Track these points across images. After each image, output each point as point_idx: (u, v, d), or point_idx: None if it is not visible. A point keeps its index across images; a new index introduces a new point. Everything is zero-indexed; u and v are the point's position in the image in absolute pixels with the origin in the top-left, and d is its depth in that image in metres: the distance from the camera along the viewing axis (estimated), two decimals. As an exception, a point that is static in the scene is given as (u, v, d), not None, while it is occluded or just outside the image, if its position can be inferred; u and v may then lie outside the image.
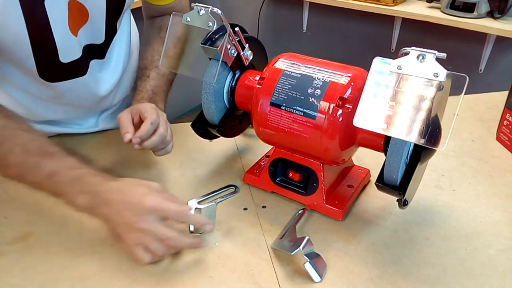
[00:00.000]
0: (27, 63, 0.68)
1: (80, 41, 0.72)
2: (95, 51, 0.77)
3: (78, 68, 0.75)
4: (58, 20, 0.66)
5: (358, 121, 0.53)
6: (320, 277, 0.56)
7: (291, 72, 0.63)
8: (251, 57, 0.69)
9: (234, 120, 0.74)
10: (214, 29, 0.62)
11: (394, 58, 0.52)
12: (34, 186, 0.62)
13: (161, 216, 0.56)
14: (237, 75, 0.70)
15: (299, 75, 0.62)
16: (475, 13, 1.76)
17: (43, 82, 0.72)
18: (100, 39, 0.75)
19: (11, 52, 0.65)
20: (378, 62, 0.53)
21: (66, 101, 0.79)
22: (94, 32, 0.74)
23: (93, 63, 0.77)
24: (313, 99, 0.60)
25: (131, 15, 0.88)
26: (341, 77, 0.60)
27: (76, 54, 0.72)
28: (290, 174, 0.69)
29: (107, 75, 0.82)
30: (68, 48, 0.71)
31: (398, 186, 0.57)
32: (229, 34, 0.62)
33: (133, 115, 0.71)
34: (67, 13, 0.67)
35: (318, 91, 0.60)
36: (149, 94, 0.78)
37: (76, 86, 0.76)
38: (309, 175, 0.67)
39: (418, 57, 0.50)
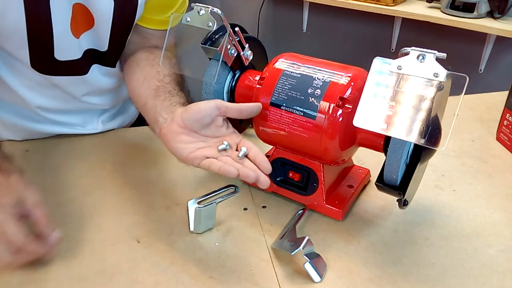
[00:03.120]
0: (21, 53, 0.68)
1: (82, 44, 0.72)
2: (97, 57, 0.77)
3: (76, 68, 0.75)
4: (60, 20, 0.67)
5: (358, 121, 0.53)
6: (320, 277, 0.56)
7: (291, 72, 0.63)
8: (251, 57, 0.69)
9: (234, 120, 0.74)
10: (214, 29, 0.62)
11: (394, 58, 0.52)
12: None
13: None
14: (237, 75, 0.70)
15: (299, 75, 0.62)
16: (475, 13, 1.76)
17: (36, 72, 0.72)
18: (103, 47, 0.76)
19: (6, 40, 0.66)
20: (378, 62, 0.53)
21: (62, 93, 0.79)
22: (98, 39, 0.74)
23: (95, 67, 0.78)
24: (313, 99, 0.60)
25: None
26: (341, 77, 0.60)
27: (75, 55, 0.73)
28: (290, 174, 0.69)
29: (110, 79, 0.83)
30: (66, 47, 0.71)
31: (398, 186, 0.57)
32: (229, 34, 0.62)
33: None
34: (70, 14, 0.68)
35: (318, 91, 0.60)
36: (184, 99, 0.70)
37: (74, 82, 0.77)
38: (309, 175, 0.67)
39: (418, 57, 0.50)
